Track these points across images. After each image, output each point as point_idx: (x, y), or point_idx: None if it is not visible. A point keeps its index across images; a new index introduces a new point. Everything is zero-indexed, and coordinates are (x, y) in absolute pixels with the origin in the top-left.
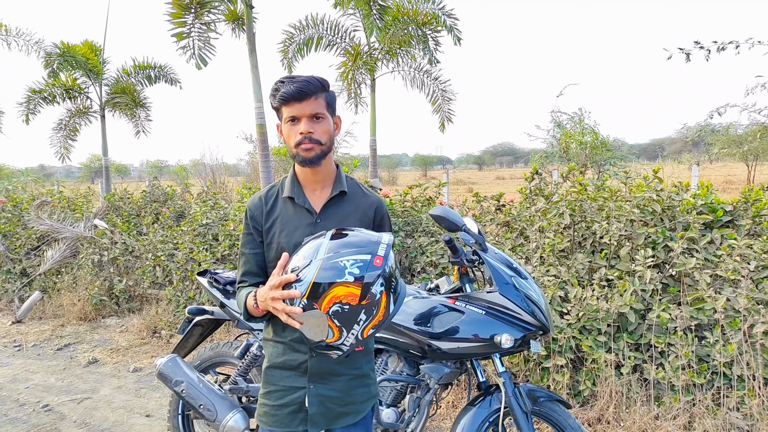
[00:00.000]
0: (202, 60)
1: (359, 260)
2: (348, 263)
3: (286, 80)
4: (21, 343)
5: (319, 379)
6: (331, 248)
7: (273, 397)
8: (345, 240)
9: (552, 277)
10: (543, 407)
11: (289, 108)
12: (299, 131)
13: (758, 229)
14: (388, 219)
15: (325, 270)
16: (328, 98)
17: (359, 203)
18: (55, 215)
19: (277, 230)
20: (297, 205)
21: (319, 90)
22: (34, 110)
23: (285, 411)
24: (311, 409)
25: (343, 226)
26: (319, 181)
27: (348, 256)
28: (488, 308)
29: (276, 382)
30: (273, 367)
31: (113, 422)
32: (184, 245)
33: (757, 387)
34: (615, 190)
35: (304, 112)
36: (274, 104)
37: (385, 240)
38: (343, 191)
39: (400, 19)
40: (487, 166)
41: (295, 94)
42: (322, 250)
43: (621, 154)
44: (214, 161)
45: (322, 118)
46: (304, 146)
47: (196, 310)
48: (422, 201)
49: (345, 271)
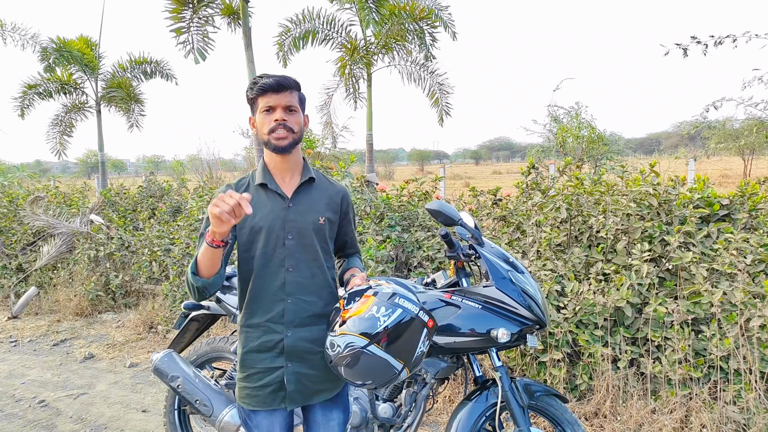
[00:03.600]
0: (201, 54)
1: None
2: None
3: (264, 75)
4: (17, 339)
5: (296, 358)
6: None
7: (253, 379)
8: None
9: (548, 272)
10: (540, 401)
11: (266, 98)
12: (274, 119)
13: (754, 222)
14: (353, 208)
15: None
16: (301, 96)
17: (327, 190)
18: (50, 211)
19: (248, 216)
20: (270, 191)
21: (294, 86)
22: (30, 105)
23: (266, 391)
24: (289, 386)
25: (318, 217)
26: (289, 169)
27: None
28: (485, 303)
29: (254, 365)
30: (250, 351)
31: (109, 418)
32: (180, 240)
33: (753, 381)
34: (612, 185)
35: (279, 103)
36: (250, 95)
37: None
38: (311, 177)
39: (396, 13)
40: (483, 161)
41: (273, 86)
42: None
43: (617, 148)
44: (211, 156)
45: (295, 110)
46: (276, 134)
47: (192, 306)
48: (419, 196)
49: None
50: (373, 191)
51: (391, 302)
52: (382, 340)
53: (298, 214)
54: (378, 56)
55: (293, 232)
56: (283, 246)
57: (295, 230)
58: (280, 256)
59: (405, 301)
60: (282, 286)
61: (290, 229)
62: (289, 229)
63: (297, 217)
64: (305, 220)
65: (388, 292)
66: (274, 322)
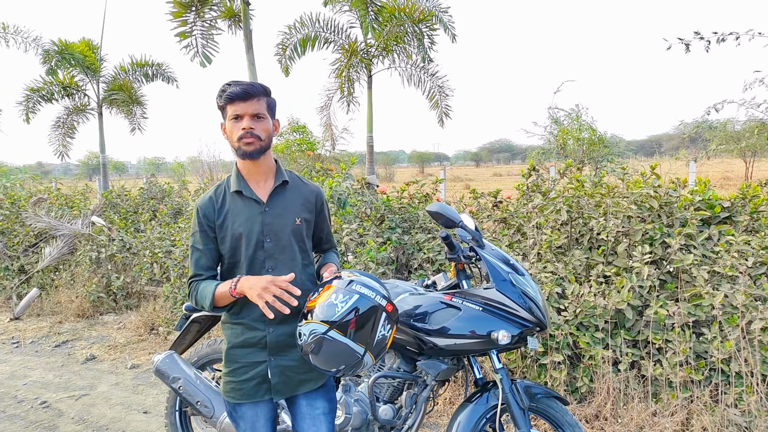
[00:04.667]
0: (207, 58)
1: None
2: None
3: (232, 83)
4: (19, 340)
5: (278, 352)
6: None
7: (237, 373)
8: None
9: (549, 274)
10: (540, 404)
11: (234, 107)
12: (242, 127)
13: (756, 225)
14: (327, 205)
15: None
16: (269, 102)
17: (301, 191)
18: (52, 212)
19: (230, 222)
20: (245, 198)
21: (261, 94)
22: (34, 109)
23: (250, 384)
24: (273, 379)
25: (294, 218)
26: (262, 173)
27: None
28: (485, 305)
29: (238, 360)
30: (234, 347)
31: (111, 419)
32: (181, 242)
33: (755, 383)
34: (612, 187)
35: (247, 111)
36: (219, 103)
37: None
38: (285, 181)
39: (396, 15)
40: (484, 163)
41: (240, 94)
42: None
43: (618, 150)
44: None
45: (262, 117)
46: (245, 140)
47: (193, 307)
48: (419, 197)
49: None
50: (373, 193)
51: (349, 289)
52: (342, 326)
53: (275, 217)
54: (378, 59)
55: (271, 234)
56: (263, 248)
57: (273, 233)
58: (261, 259)
59: (362, 287)
60: None
61: (268, 232)
62: (267, 232)
63: (274, 220)
64: (282, 223)
65: (346, 280)
66: (256, 321)
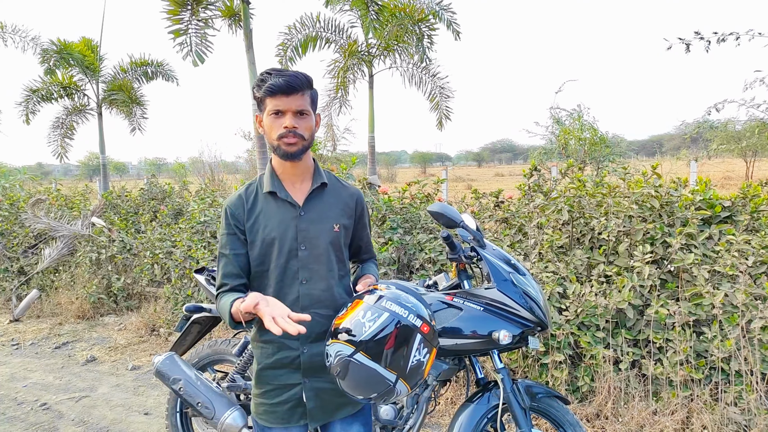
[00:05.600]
0: (200, 57)
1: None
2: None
3: (274, 72)
4: (19, 342)
5: (313, 374)
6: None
7: (270, 395)
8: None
9: (550, 273)
10: (541, 403)
11: (275, 100)
12: (283, 125)
13: (756, 224)
14: (367, 211)
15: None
16: (313, 95)
17: (340, 194)
18: (52, 213)
19: (261, 226)
20: (279, 200)
21: (306, 86)
22: (33, 109)
23: (284, 407)
24: (309, 403)
25: (332, 225)
26: (299, 174)
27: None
28: (486, 305)
29: (270, 381)
30: (266, 368)
31: (111, 420)
32: (182, 243)
33: (754, 382)
34: (613, 187)
35: (290, 107)
36: (258, 95)
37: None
38: (323, 183)
39: (396, 15)
40: (486, 163)
41: (283, 87)
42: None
43: (620, 150)
44: (213, 159)
45: (306, 114)
46: (286, 140)
47: (193, 308)
48: (421, 198)
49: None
50: (375, 193)
51: (377, 305)
52: (370, 348)
53: (311, 223)
54: (380, 58)
55: (306, 242)
56: (296, 257)
57: (308, 240)
58: (294, 269)
59: (393, 304)
60: (296, 300)
61: (303, 239)
62: (301, 239)
63: (310, 225)
64: (319, 229)
65: (375, 296)
66: (289, 338)
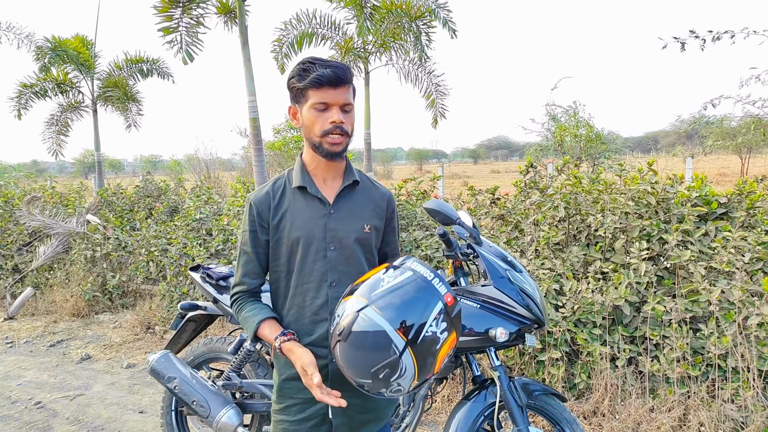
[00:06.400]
0: (189, 55)
1: (435, 314)
2: (433, 324)
3: (318, 62)
4: (13, 340)
5: (339, 386)
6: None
7: (292, 411)
8: (415, 312)
9: (547, 270)
10: (538, 401)
11: (321, 93)
12: (330, 120)
13: (752, 221)
14: (397, 214)
15: (423, 351)
16: (354, 89)
17: (371, 194)
18: (47, 211)
19: (288, 223)
20: (308, 196)
21: (351, 79)
22: (26, 105)
23: (307, 425)
24: (335, 420)
25: (363, 225)
26: (331, 170)
27: (430, 324)
28: (483, 302)
29: (293, 395)
30: (289, 379)
31: (106, 419)
32: (177, 240)
33: (751, 379)
34: (610, 183)
35: (337, 100)
36: (299, 84)
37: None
38: (356, 180)
39: (392, 12)
40: (482, 160)
41: (332, 79)
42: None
43: (615, 146)
44: (209, 156)
45: (350, 109)
46: (331, 139)
47: (189, 306)
48: (417, 195)
49: (438, 336)
50: None
51: (403, 266)
52: (383, 303)
53: (341, 222)
54: (375, 55)
55: (335, 242)
56: (324, 258)
57: (338, 240)
58: (321, 270)
59: (419, 265)
60: (324, 304)
61: (332, 238)
62: (330, 238)
63: (339, 225)
64: (349, 229)
65: (401, 260)
66: (316, 346)
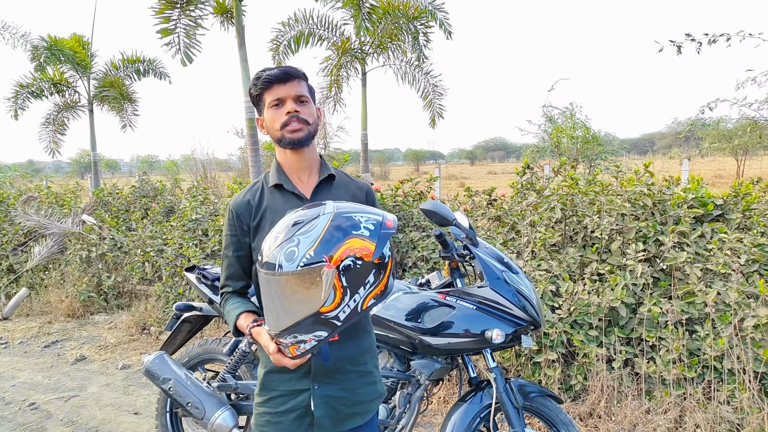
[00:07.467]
0: (188, 57)
1: (372, 219)
2: (363, 219)
3: (267, 69)
4: (7, 341)
5: (324, 379)
6: (342, 206)
7: (274, 403)
8: (352, 204)
9: (543, 272)
10: (534, 402)
11: (273, 91)
12: (285, 112)
13: (748, 222)
14: (378, 206)
15: (338, 223)
16: (310, 88)
17: (348, 187)
18: (42, 211)
19: (267, 222)
20: (286, 193)
21: (301, 75)
22: (23, 105)
23: (290, 417)
24: (317, 411)
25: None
26: (305, 167)
27: (360, 214)
28: (479, 303)
29: (276, 387)
30: (272, 372)
31: (101, 420)
32: (173, 241)
33: (747, 380)
34: (606, 185)
35: (289, 94)
36: (254, 92)
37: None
38: (331, 174)
39: (390, 12)
40: (479, 161)
41: (280, 76)
42: (330, 206)
43: (612, 148)
44: (205, 156)
45: (306, 100)
46: (290, 127)
47: (184, 307)
48: (413, 196)
49: (360, 225)
50: None
51: None
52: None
53: None
54: (373, 56)
55: None
56: None
57: None
58: None
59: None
60: None
61: None
62: None
63: None
64: None
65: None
66: None
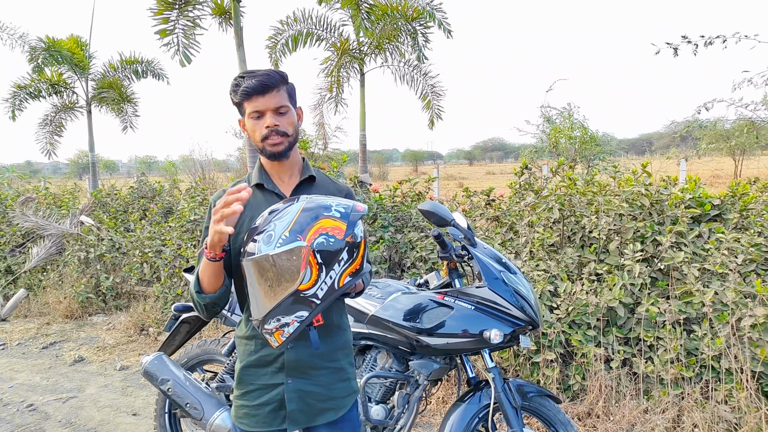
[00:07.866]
0: (187, 57)
1: (343, 204)
2: (334, 203)
3: (246, 75)
4: (6, 342)
5: (298, 374)
6: (314, 197)
7: (251, 397)
8: (325, 196)
9: (541, 272)
10: (533, 402)
11: (253, 103)
12: (265, 125)
13: (745, 222)
14: None
15: (310, 206)
16: (290, 90)
17: (328, 188)
18: (40, 212)
19: (246, 218)
20: (266, 192)
21: (281, 83)
22: (20, 106)
23: (265, 410)
24: (290, 405)
25: None
26: (287, 169)
27: (332, 200)
28: (477, 303)
29: (252, 381)
30: (248, 366)
31: (99, 421)
32: (171, 242)
33: (744, 380)
34: (604, 185)
35: (268, 106)
36: (235, 100)
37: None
38: (311, 176)
39: (389, 13)
40: (477, 161)
41: (258, 88)
42: (303, 197)
43: (610, 148)
44: (204, 157)
45: (286, 110)
46: (271, 141)
47: (182, 307)
48: (412, 196)
49: (332, 208)
50: (366, 192)
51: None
52: None
53: None
54: (371, 57)
55: None
56: None
57: None
58: None
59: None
60: None
61: None
62: None
63: None
64: None
65: None
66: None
